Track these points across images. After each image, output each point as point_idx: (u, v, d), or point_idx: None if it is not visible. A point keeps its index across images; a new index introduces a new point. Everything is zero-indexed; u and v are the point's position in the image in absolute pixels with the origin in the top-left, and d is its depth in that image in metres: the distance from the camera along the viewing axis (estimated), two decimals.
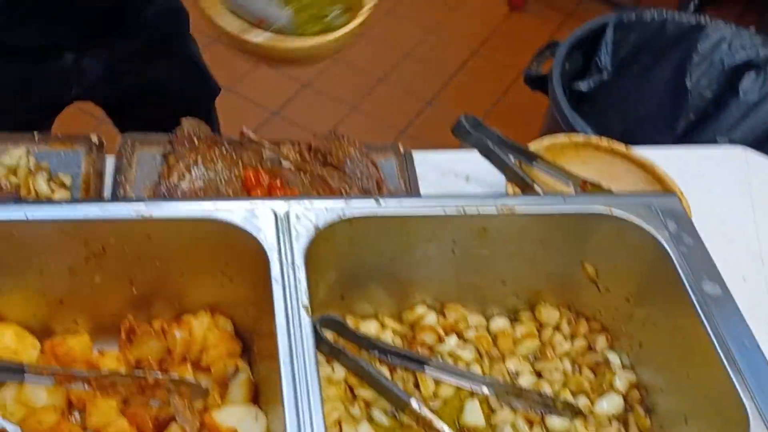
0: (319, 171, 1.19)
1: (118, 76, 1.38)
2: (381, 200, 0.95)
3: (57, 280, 0.93)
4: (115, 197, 1.16)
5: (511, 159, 1.18)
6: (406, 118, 2.77)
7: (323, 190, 1.17)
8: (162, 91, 1.46)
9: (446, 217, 0.96)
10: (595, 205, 0.99)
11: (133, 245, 0.91)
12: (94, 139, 1.24)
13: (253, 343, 0.99)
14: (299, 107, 2.75)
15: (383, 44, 2.95)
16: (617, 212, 0.98)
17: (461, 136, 1.17)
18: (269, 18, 1.08)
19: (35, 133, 1.22)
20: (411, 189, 1.22)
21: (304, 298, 0.85)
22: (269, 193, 1.16)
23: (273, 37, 1.07)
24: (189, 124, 1.24)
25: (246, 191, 1.16)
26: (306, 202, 0.93)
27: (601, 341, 1.04)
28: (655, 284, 0.98)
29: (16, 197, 1.13)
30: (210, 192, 1.16)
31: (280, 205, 0.93)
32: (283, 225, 0.91)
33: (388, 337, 1.01)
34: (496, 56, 3.05)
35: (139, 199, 0.93)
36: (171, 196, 1.15)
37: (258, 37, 1.06)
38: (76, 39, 1.27)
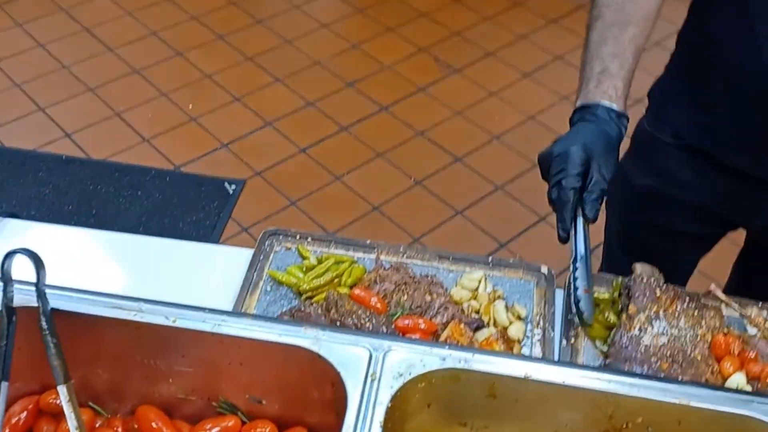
0: None
1: None
2: None
3: None
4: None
5: None
6: None
7: None
8: None
9: None
10: None
11: (659, 427, 0.87)
12: (544, 270, 1.24)
13: None
14: None
15: None
16: None
17: None
18: None
19: (490, 257, 1.25)
20: None
21: None
22: (741, 366, 1.08)
23: None
24: (644, 270, 1.19)
25: (715, 358, 1.09)
26: None
27: None
28: None
29: (479, 325, 1.15)
30: (674, 351, 1.10)
31: None
32: None
33: None
34: None
35: (673, 381, 0.89)
36: (634, 349, 1.11)
37: None
38: None
